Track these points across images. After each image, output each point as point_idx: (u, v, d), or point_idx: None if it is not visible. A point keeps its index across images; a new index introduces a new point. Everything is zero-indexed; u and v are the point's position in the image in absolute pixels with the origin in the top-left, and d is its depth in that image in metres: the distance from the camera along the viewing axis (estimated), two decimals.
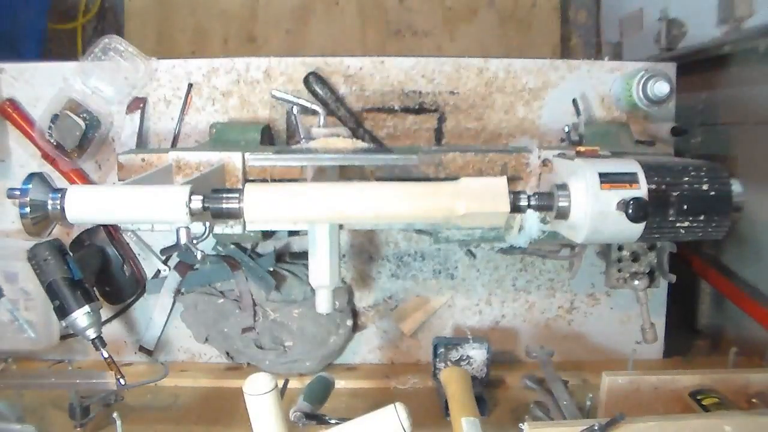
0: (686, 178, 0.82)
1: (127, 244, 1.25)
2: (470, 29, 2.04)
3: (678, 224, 0.82)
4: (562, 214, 0.82)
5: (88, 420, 1.06)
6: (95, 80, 1.21)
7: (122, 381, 1.03)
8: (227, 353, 1.29)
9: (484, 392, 1.13)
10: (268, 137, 1.20)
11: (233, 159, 0.99)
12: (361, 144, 1.09)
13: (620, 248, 1.17)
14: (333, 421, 0.89)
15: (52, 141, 1.18)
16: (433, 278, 1.31)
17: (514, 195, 0.81)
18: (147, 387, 1.18)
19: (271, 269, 1.25)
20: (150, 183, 0.87)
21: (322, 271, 0.96)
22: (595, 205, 0.79)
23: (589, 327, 1.33)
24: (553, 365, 1.14)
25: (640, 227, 0.79)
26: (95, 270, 1.18)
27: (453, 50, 2.01)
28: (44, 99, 1.21)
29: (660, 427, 0.82)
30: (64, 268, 1.05)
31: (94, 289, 1.12)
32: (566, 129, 1.22)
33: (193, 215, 0.77)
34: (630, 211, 0.76)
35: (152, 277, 1.28)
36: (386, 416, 0.79)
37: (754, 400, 0.97)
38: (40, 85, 1.23)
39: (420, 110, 1.25)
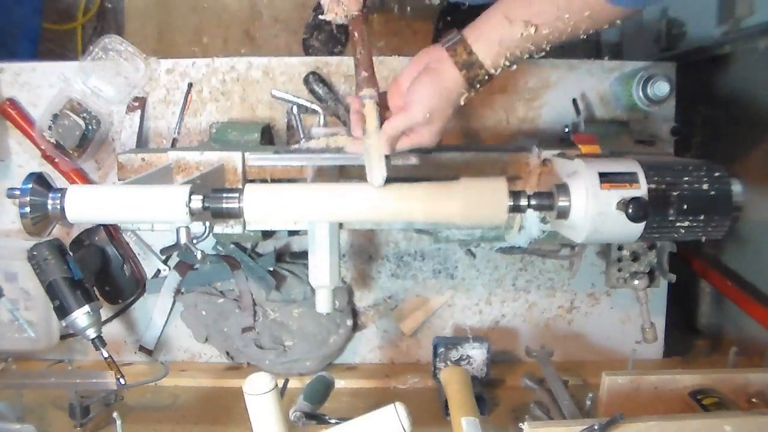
0: (686, 178, 0.82)
1: (127, 243, 1.25)
2: None
3: (678, 224, 0.81)
4: (562, 214, 0.82)
5: (88, 420, 1.06)
6: (95, 80, 1.21)
7: (122, 381, 1.03)
8: (227, 353, 1.29)
9: (484, 392, 1.13)
10: (268, 137, 1.20)
11: (233, 159, 0.99)
12: None
13: (620, 248, 1.17)
14: (333, 421, 0.89)
15: (52, 141, 1.18)
16: (433, 278, 1.31)
17: (514, 195, 0.81)
18: (147, 387, 1.18)
19: (271, 269, 1.25)
20: (150, 183, 0.87)
21: (322, 270, 0.96)
22: (595, 205, 0.79)
23: (589, 327, 1.33)
24: (553, 365, 1.14)
25: (640, 227, 0.79)
26: (95, 270, 1.19)
27: None
28: (44, 99, 1.21)
29: (660, 427, 0.82)
30: (64, 267, 1.05)
31: (94, 288, 1.12)
32: (566, 129, 1.22)
33: (193, 215, 0.77)
34: (630, 210, 0.76)
35: (152, 277, 1.28)
36: (386, 416, 0.79)
37: (754, 400, 0.97)
38: (40, 85, 1.23)
39: None
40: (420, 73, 0.80)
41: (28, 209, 0.78)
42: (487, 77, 0.80)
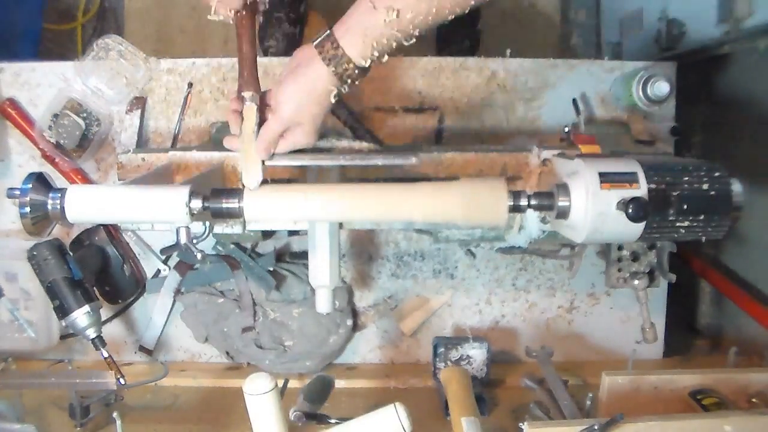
0: (686, 178, 0.82)
1: (127, 243, 1.25)
2: None
3: (678, 224, 0.81)
4: (562, 214, 0.82)
5: (88, 420, 1.06)
6: (95, 80, 1.20)
7: (122, 381, 1.03)
8: (227, 353, 1.29)
9: (484, 392, 1.13)
10: None
11: (233, 159, 0.99)
12: (361, 144, 1.09)
13: (620, 248, 1.17)
14: (333, 421, 0.89)
15: (52, 141, 1.18)
16: (433, 278, 1.31)
17: (514, 195, 0.81)
18: (147, 387, 1.18)
19: (271, 269, 1.25)
20: (150, 183, 0.87)
21: (322, 270, 0.96)
22: (595, 205, 0.79)
23: (589, 327, 1.33)
24: (553, 365, 1.14)
25: (640, 227, 0.79)
26: (95, 270, 1.18)
27: None
28: (44, 99, 1.21)
29: (660, 427, 0.82)
30: (64, 267, 1.05)
31: (94, 288, 1.12)
32: (566, 129, 1.22)
33: (193, 215, 0.77)
34: (630, 210, 0.76)
35: (152, 277, 1.27)
36: (386, 416, 0.80)
37: (754, 400, 0.97)
38: (40, 85, 1.23)
39: (420, 110, 1.25)
40: (289, 72, 0.81)
41: (28, 209, 0.78)
42: (357, 71, 0.78)
